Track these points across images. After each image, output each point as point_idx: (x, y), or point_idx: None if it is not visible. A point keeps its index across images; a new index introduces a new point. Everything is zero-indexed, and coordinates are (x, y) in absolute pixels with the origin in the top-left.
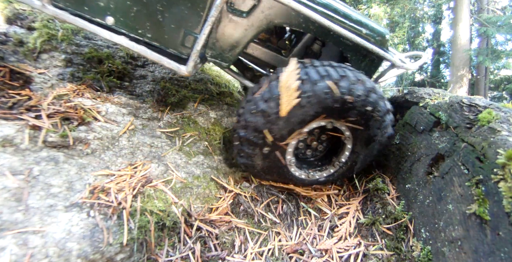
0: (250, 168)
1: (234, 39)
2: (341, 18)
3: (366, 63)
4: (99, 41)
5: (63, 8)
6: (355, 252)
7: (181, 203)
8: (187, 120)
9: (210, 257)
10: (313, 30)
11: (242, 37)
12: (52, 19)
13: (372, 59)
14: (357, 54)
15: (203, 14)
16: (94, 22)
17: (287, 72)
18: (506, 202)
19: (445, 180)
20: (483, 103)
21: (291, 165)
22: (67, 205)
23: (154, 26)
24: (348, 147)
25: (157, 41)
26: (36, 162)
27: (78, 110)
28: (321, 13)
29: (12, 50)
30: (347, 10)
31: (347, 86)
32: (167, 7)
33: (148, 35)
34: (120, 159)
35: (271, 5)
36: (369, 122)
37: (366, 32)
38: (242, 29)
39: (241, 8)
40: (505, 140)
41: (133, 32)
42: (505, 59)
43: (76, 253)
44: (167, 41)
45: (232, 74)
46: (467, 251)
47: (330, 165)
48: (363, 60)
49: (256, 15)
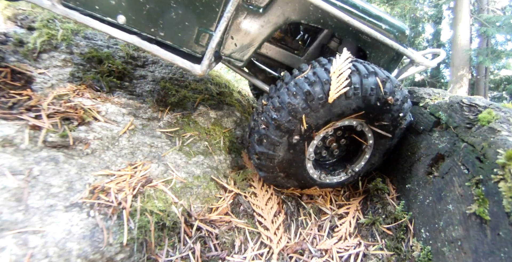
0: (266, 160)
1: (250, 37)
2: (360, 13)
3: (385, 60)
4: (99, 41)
5: (73, 7)
6: (355, 252)
7: (181, 203)
8: (187, 120)
9: (210, 257)
10: (332, 25)
11: (258, 34)
12: (52, 19)
13: (392, 56)
14: (376, 51)
15: (219, 11)
16: (105, 21)
17: (340, 59)
18: (506, 202)
19: (445, 180)
20: (483, 103)
21: (309, 160)
22: (67, 205)
23: (167, 24)
24: (366, 157)
25: (170, 40)
26: (36, 162)
27: (78, 110)
28: (340, 8)
29: (12, 50)
30: (366, 5)
31: (390, 87)
32: (181, 4)
33: (161, 33)
34: (120, 159)
35: (289, 0)
36: (395, 130)
37: (385, 28)
38: (258, 26)
39: (258, 3)
40: (505, 140)
41: (145, 31)
42: (505, 59)
43: (76, 253)
44: (181, 39)
45: (245, 76)
46: (467, 251)
47: (343, 171)
48: (382, 57)
49: (273, 11)
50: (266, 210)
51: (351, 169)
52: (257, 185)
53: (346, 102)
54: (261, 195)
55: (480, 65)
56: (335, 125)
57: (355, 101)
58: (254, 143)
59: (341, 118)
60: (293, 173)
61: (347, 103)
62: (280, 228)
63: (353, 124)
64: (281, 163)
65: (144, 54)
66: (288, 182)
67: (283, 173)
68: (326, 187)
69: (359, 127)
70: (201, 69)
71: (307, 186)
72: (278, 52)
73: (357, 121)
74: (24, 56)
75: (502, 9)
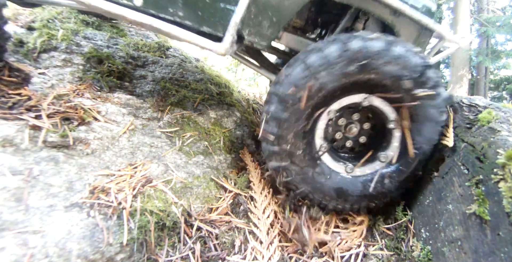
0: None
1: (274, 13)
2: None
3: (414, 38)
4: (99, 41)
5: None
6: (355, 252)
7: (181, 203)
8: (187, 120)
9: (210, 257)
10: (358, 1)
11: (284, 10)
12: (52, 19)
13: (421, 33)
14: (405, 28)
15: None
16: (121, 4)
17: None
18: (506, 202)
19: (445, 180)
20: (483, 103)
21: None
22: (67, 205)
23: (187, 3)
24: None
25: (189, 20)
26: (36, 162)
27: (78, 110)
28: None
29: (12, 50)
30: None
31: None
32: None
33: (180, 14)
34: (120, 159)
35: None
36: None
37: (411, 3)
38: (283, 1)
39: None
40: (505, 140)
41: (163, 12)
42: (505, 59)
43: (76, 253)
44: (201, 18)
45: (257, 69)
46: (467, 251)
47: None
48: (411, 36)
49: None
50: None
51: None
52: (256, 187)
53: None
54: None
55: (480, 65)
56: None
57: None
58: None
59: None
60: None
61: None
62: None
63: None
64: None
65: (144, 54)
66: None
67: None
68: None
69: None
70: (223, 47)
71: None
72: (299, 41)
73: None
74: (24, 56)
75: (502, 9)
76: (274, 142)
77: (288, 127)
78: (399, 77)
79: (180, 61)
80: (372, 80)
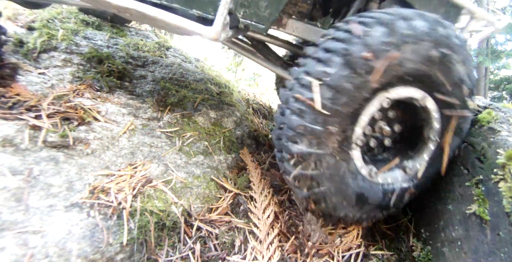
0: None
1: None
2: None
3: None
4: (99, 41)
5: None
6: (355, 252)
7: (181, 203)
8: (187, 120)
9: (210, 257)
10: None
11: None
12: (52, 19)
13: (447, 11)
14: (428, 5)
15: None
16: None
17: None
18: (506, 202)
19: (445, 180)
20: (483, 104)
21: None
22: (67, 205)
23: None
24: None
25: (177, 2)
26: (36, 162)
27: (78, 110)
28: None
29: (12, 50)
30: None
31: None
32: None
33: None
34: (120, 159)
35: None
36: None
37: None
38: None
39: None
40: (505, 140)
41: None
42: (505, 59)
43: (76, 253)
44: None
45: (262, 63)
46: (467, 251)
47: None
48: (435, 13)
49: None
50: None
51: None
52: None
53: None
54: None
55: (480, 65)
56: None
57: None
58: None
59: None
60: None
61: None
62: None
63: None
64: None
65: (144, 54)
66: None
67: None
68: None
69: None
70: (214, 30)
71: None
72: (306, 29)
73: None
74: (24, 56)
75: (502, 9)
76: (318, 120)
77: (347, 102)
78: (462, 81)
79: (180, 61)
80: (438, 77)
